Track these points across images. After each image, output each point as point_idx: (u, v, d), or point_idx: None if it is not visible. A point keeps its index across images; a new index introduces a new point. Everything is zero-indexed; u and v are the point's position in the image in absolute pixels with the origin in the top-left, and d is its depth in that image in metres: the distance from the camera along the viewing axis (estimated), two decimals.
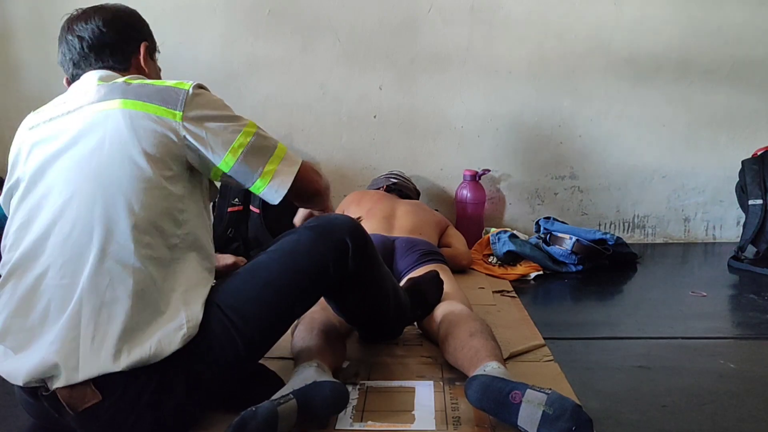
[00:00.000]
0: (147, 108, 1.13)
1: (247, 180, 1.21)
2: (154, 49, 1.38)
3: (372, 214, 2.15)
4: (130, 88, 1.16)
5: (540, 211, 2.89)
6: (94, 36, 1.26)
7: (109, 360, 1.04)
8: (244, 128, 1.20)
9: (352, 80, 2.79)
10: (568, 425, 1.06)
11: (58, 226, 1.09)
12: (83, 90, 1.20)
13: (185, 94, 1.15)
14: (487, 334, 1.36)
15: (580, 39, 2.75)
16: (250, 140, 1.19)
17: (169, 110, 1.13)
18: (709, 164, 2.86)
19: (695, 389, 1.42)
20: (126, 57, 1.29)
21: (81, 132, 1.13)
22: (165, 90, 1.16)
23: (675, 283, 2.37)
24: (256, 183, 1.21)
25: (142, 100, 1.14)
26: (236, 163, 1.18)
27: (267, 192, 1.22)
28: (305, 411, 1.12)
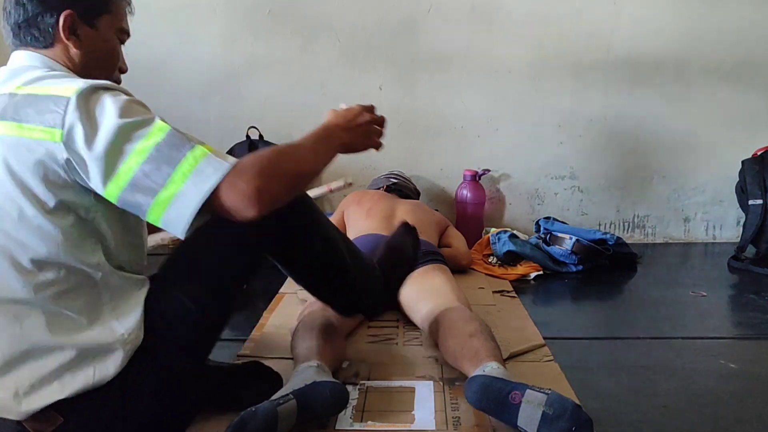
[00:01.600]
0: (22, 131, 0.94)
1: (142, 203, 0.95)
2: (98, 14, 1.11)
3: (372, 214, 2.15)
4: (11, 103, 0.96)
5: (540, 211, 2.89)
6: (14, 7, 1.07)
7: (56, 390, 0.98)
8: (140, 144, 0.93)
9: (352, 80, 2.79)
10: (568, 425, 1.06)
11: None
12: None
13: (66, 104, 0.93)
14: (486, 334, 1.36)
15: (580, 39, 2.75)
16: (153, 148, 0.93)
17: (46, 128, 0.93)
18: (709, 164, 2.86)
19: (695, 389, 1.42)
20: (44, 33, 1.07)
21: None
22: (43, 101, 0.95)
23: (675, 283, 2.36)
24: (153, 204, 0.94)
25: (18, 120, 0.95)
26: (128, 186, 0.93)
27: (169, 215, 0.94)
28: (305, 411, 1.12)
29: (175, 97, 2.73)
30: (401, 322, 1.78)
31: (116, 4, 1.14)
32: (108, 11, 1.12)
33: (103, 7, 1.11)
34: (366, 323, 1.78)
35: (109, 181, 0.93)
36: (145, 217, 0.96)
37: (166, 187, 0.93)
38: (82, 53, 1.09)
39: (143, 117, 0.96)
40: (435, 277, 1.76)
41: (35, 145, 0.93)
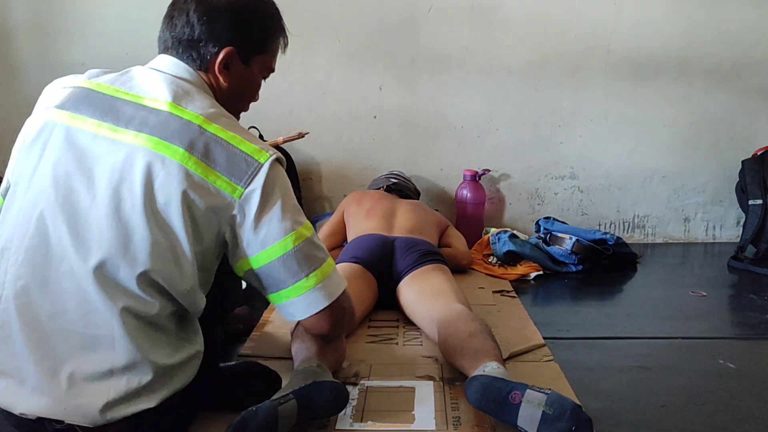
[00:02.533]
0: (208, 174, 0.99)
1: (272, 286, 1.08)
2: (256, 53, 1.16)
3: (372, 213, 2.15)
4: (201, 140, 1.00)
5: (540, 211, 2.89)
6: (180, 18, 1.10)
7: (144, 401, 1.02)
8: (299, 228, 1.05)
9: (352, 80, 2.79)
10: (568, 425, 1.06)
11: None
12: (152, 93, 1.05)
13: (257, 168, 1.02)
14: (486, 334, 1.36)
15: (580, 39, 2.75)
16: (299, 245, 1.05)
17: (231, 183, 1.00)
18: (709, 164, 2.86)
19: (695, 389, 1.42)
20: (202, 58, 1.11)
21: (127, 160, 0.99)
22: (236, 156, 1.01)
23: (675, 283, 2.36)
24: (284, 291, 1.07)
25: (208, 162, 1.00)
26: (268, 265, 1.05)
27: (293, 304, 1.09)
28: (305, 411, 1.12)
29: None
30: (401, 322, 1.78)
31: (275, 44, 1.21)
32: (265, 51, 1.19)
33: (262, 47, 1.18)
34: (366, 323, 1.78)
35: (260, 251, 1.04)
36: (273, 291, 1.08)
37: (308, 278, 1.06)
38: (229, 86, 1.14)
39: (299, 208, 1.09)
40: (435, 277, 1.76)
41: (214, 192, 1.00)
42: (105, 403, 0.97)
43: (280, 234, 1.03)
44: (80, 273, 0.98)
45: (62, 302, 0.99)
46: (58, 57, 2.69)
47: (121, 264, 0.98)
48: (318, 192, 2.89)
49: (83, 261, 0.98)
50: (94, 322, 0.98)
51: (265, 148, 1.05)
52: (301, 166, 2.80)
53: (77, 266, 0.98)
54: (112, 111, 1.03)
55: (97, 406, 0.96)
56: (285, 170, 1.09)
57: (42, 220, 1.00)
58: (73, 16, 2.67)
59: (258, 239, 1.03)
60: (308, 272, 1.06)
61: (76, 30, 2.67)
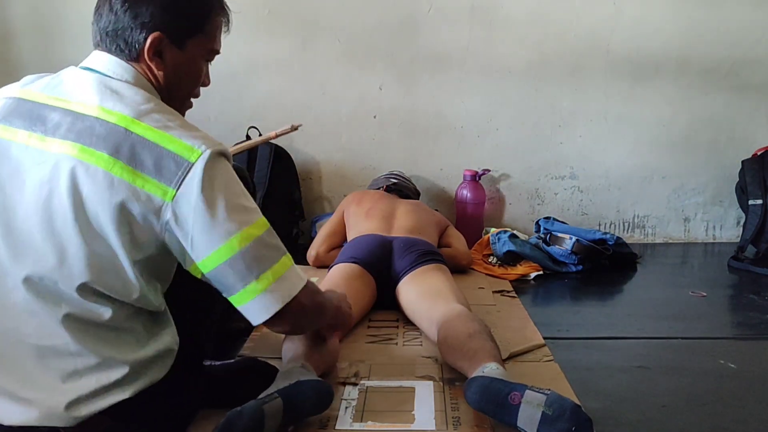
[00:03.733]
0: (135, 178, 0.94)
1: (225, 291, 1.02)
2: (189, 35, 1.08)
3: (372, 213, 2.15)
4: (126, 142, 0.95)
5: (540, 211, 2.89)
6: (104, 8, 1.04)
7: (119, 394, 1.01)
8: (245, 228, 0.99)
9: (352, 80, 2.79)
10: (567, 426, 1.06)
11: None
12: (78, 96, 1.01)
13: (186, 168, 0.95)
14: (485, 334, 1.36)
15: (580, 39, 2.75)
16: (245, 246, 0.98)
17: (161, 186, 0.94)
18: (709, 164, 2.86)
19: (695, 389, 1.42)
20: (130, 47, 1.04)
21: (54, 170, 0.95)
22: (164, 157, 0.95)
23: (675, 283, 2.36)
24: (237, 295, 1.01)
25: (134, 166, 0.94)
26: (216, 269, 0.98)
27: (249, 308, 1.02)
28: (291, 409, 1.13)
29: None
30: (401, 322, 1.78)
31: (212, 23, 1.11)
32: (201, 32, 1.09)
33: (196, 28, 1.09)
34: (366, 323, 1.78)
35: (205, 255, 0.97)
36: (227, 295, 1.02)
37: (258, 280, 1.00)
38: (165, 74, 1.07)
39: (250, 205, 1.03)
40: (434, 277, 1.76)
41: (144, 197, 0.94)
42: (71, 400, 0.95)
43: (222, 236, 0.97)
44: (22, 287, 0.96)
45: (12, 318, 0.97)
46: (58, 57, 2.68)
47: (59, 277, 0.95)
48: (318, 192, 2.89)
49: (21, 275, 0.96)
50: (46, 334, 0.96)
51: (198, 143, 0.97)
52: (301, 166, 2.80)
53: (17, 281, 0.96)
54: (39, 119, 0.98)
55: (62, 404, 0.95)
56: (227, 162, 1.02)
57: None
58: (73, 16, 2.67)
59: (201, 243, 0.97)
60: (258, 274, 1.00)
61: (76, 30, 2.67)
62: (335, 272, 1.80)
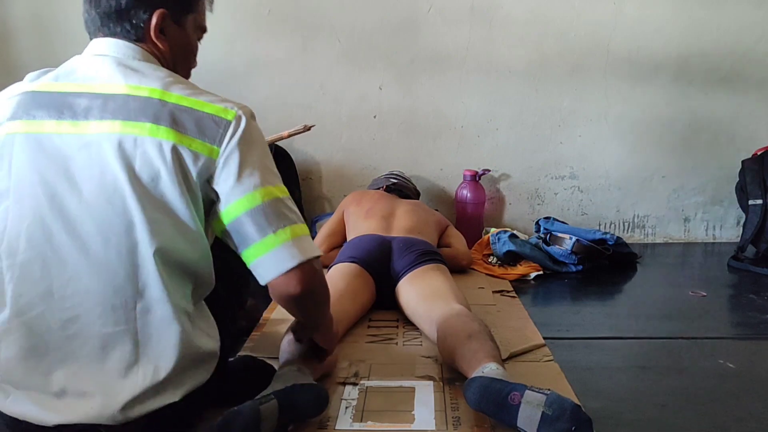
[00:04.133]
0: (182, 139, 0.98)
1: (242, 243, 1.03)
2: (187, 12, 1.14)
3: (371, 213, 2.15)
4: (164, 111, 0.99)
5: (540, 211, 2.89)
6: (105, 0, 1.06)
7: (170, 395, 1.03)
8: (270, 187, 1.03)
9: (352, 80, 2.79)
10: (567, 426, 1.06)
11: None
12: (102, 78, 1.03)
13: (226, 126, 1.01)
14: (485, 334, 1.36)
15: (580, 39, 2.75)
16: (268, 200, 1.02)
17: (206, 144, 1.00)
18: (709, 164, 2.86)
19: (695, 389, 1.42)
20: (136, 27, 1.07)
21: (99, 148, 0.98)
22: (203, 119, 1.00)
23: (675, 283, 2.36)
24: (252, 247, 1.02)
25: (177, 128, 0.99)
26: (237, 219, 1.01)
27: (262, 262, 1.03)
28: (286, 411, 1.13)
29: None
30: (401, 322, 1.78)
31: (200, 2, 1.18)
32: (194, 10, 1.16)
33: (191, 6, 1.15)
34: (366, 323, 1.78)
35: (229, 204, 1.01)
36: (244, 248, 1.03)
37: (276, 234, 1.01)
38: (169, 50, 1.12)
39: (276, 172, 1.07)
40: (434, 277, 1.76)
41: (192, 155, 0.99)
42: (128, 400, 0.97)
43: (249, 187, 1.01)
44: (89, 273, 0.98)
45: (73, 308, 0.99)
46: (58, 57, 2.65)
47: (128, 248, 0.98)
48: (318, 192, 2.89)
49: (88, 261, 0.98)
50: (112, 320, 0.99)
51: (230, 105, 1.04)
52: (301, 166, 2.80)
53: (83, 268, 0.98)
54: (66, 106, 1.00)
55: (119, 403, 0.97)
56: (255, 121, 1.07)
57: (31, 233, 0.98)
58: (73, 16, 2.66)
59: (229, 193, 1.01)
60: (276, 228, 1.01)
61: (76, 30, 2.65)
62: (334, 272, 1.80)
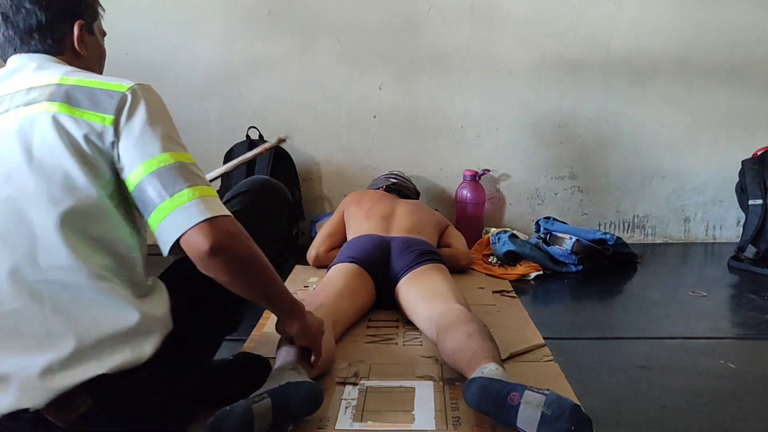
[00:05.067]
0: (73, 112, 1.00)
1: (146, 206, 1.00)
2: (94, 20, 1.18)
3: (371, 214, 2.15)
4: (60, 90, 1.02)
5: (540, 211, 2.89)
6: (18, 13, 1.08)
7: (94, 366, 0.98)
8: (174, 152, 1.02)
9: (352, 80, 2.79)
10: (567, 426, 1.06)
11: None
12: (15, 83, 1.06)
13: (121, 98, 1.02)
14: (485, 335, 1.36)
15: (580, 39, 2.76)
16: (172, 164, 1.00)
17: (98, 114, 1.01)
18: (709, 164, 2.86)
19: (695, 389, 1.42)
20: (59, 39, 1.11)
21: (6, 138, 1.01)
22: (96, 92, 1.02)
23: (675, 283, 2.36)
24: (155, 211, 0.99)
25: (69, 103, 1.01)
26: (140, 183, 1.00)
27: (165, 225, 0.99)
28: (280, 410, 1.12)
29: (175, 97, 2.70)
30: (401, 322, 1.78)
31: (98, 8, 1.20)
32: (97, 18, 1.19)
33: (96, 14, 1.19)
34: (366, 323, 1.78)
35: (132, 168, 1.00)
36: (147, 216, 1.01)
37: (173, 198, 0.99)
38: (86, 59, 1.15)
39: (181, 142, 1.06)
40: (433, 277, 1.76)
41: (84, 124, 1.00)
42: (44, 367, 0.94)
43: (149, 153, 1.00)
44: None
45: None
46: None
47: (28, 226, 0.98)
48: (318, 192, 2.89)
49: None
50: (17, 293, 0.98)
51: (125, 81, 1.05)
52: (301, 166, 2.80)
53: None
54: None
55: (36, 373, 0.94)
56: (155, 92, 1.09)
57: None
58: None
59: (128, 157, 1.01)
60: (180, 189, 0.99)
61: None
62: (333, 272, 1.80)
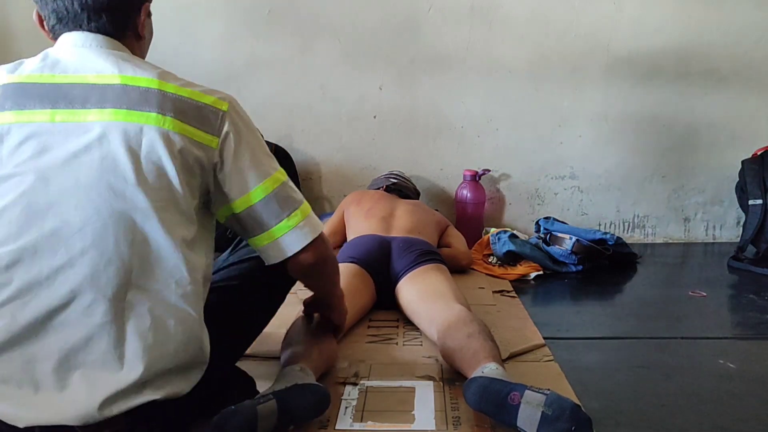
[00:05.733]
0: (186, 131, 1.00)
1: (255, 228, 1.09)
2: (149, 2, 1.15)
3: (371, 214, 2.15)
4: (166, 100, 1.00)
5: (540, 211, 2.89)
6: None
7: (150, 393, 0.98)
8: (275, 173, 1.10)
9: (352, 80, 2.79)
10: (567, 425, 1.06)
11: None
12: (93, 69, 1.00)
13: (223, 116, 1.04)
14: (485, 335, 1.36)
15: (580, 39, 2.75)
16: (277, 187, 1.09)
17: (207, 134, 1.03)
18: (709, 164, 2.86)
19: (695, 389, 1.42)
20: (125, 21, 1.07)
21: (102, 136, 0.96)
22: (203, 109, 1.03)
23: (675, 283, 2.36)
24: (262, 235, 1.09)
25: (182, 120, 1.00)
26: (253, 207, 1.07)
27: (278, 244, 1.10)
28: (285, 413, 1.12)
29: None
30: (401, 322, 1.78)
31: None
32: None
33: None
34: (366, 323, 1.78)
35: (240, 195, 1.06)
36: (259, 233, 1.09)
37: (290, 218, 1.09)
38: (144, 43, 1.14)
39: (270, 154, 1.12)
40: (433, 277, 1.76)
41: (194, 145, 1.01)
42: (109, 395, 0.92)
43: (258, 178, 1.07)
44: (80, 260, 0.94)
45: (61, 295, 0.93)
46: None
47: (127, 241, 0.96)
48: (318, 192, 2.89)
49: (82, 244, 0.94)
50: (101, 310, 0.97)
51: (221, 95, 1.06)
52: (301, 166, 2.80)
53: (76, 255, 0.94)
54: (60, 97, 0.98)
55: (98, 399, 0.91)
56: (242, 108, 1.11)
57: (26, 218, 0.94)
58: None
59: (237, 183, 1.06)
60: (290, 212, 1.09)
61: None
62: None
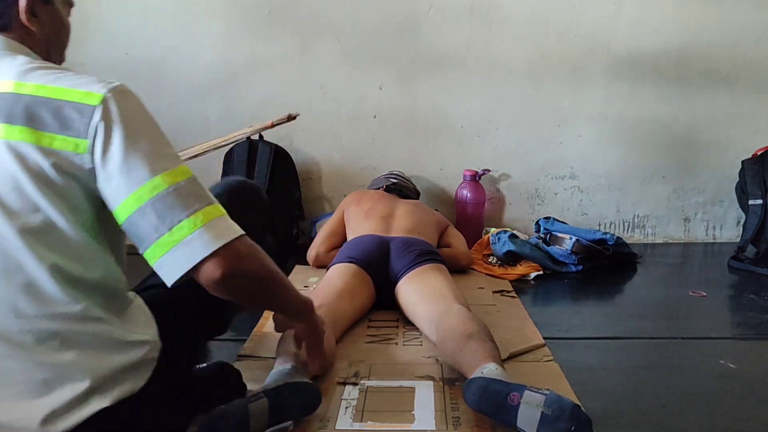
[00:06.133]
0: (40, 140, 0.86)
1: (141, 241, 0.89)
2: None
3: (371, 214, 2.15)
4: (18, 106, 0.86)
5: (540, 211, 2.89)
6: None
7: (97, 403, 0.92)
8: (163, 174, 0.89)
9: (352, 80, 2.79)
10: (567, 426, 1.06)
11: None
12: None
13: (92, 113, 0.87)
14: (484, 335, 1.36)
15: (580, 39, 2.75)
16: (161, 192, 0.88)
17: (70, 139, 0.86)
18: (709, 164, 2.86)
19: (695, 389, 1.42)
20: (6, 14, 0.96)
21: None
22: (63, 108, 0.87)
23: (675, 283, 2.36)
24: (151, 248, 0.89)
25: (33, 125, 0.86)
26: (130, 218, 0.88)
27: (163, 266, 0.89)
28: (277, 410, 1.12)
29: (175, 97, 2.72)
30: (401, 322, 1.78)
31: None
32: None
33: None
34: (366, 323, 1.78)
35: (119, 203, 0.88)
36: (142, 251, 0.91)
37: (172, 232, 0.88)
38: (42, 32, 1.01)
39: (169, 150, 0.93)
40: (433, 277, 1.76)
41: (52, 153, 0.86)
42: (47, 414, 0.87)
43: (134, 182, 0.87)
44: None
45: None
46: None
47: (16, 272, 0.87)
48: (318, 192, 2.89)
49: None
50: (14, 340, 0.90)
51: (96, 87, 0.89)
52: (301, 166, 2.80)
53: None
54: None
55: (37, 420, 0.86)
56: (134, 96, 0.92)
57: None
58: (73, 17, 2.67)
59: (113, 190, 0.88)
60: (181, 218, 0.88)
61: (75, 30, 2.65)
62: (333, 272, 1.80)
